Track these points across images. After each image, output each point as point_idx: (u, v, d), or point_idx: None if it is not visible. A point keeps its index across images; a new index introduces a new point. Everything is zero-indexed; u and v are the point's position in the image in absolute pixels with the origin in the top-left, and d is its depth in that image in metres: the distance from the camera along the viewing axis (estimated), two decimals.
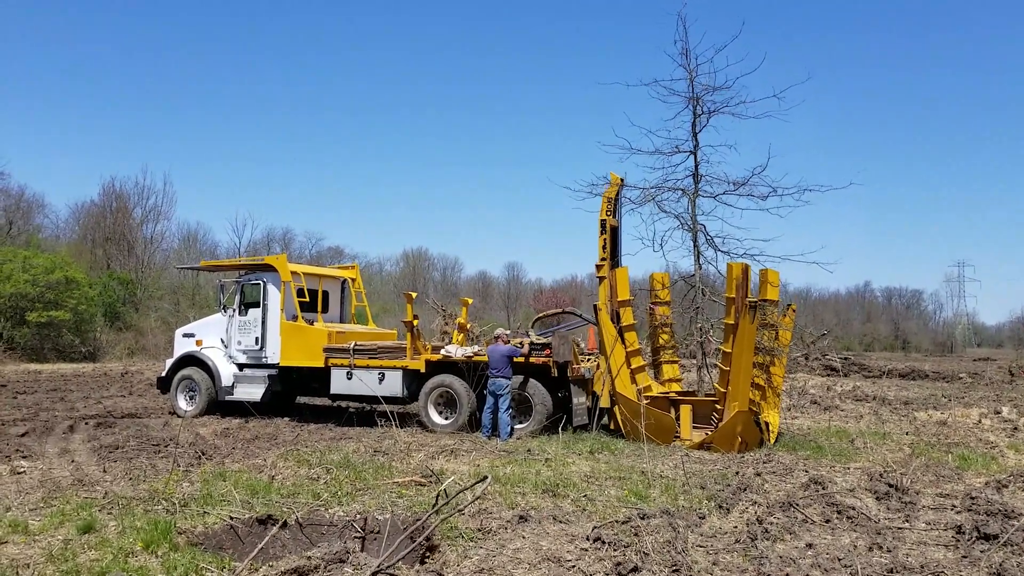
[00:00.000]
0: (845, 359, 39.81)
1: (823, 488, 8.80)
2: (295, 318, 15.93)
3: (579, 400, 13.52)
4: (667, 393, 13.57)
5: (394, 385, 14.76)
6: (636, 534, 6.67)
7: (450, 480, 7.97)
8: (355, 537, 6.46)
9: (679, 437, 12.46)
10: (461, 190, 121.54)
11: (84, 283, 37.44)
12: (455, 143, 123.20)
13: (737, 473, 9.83)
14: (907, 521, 7.74)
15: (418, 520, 6.39)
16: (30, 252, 37.78)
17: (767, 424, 12.51)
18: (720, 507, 7.98)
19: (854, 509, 7.85)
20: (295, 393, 17.63)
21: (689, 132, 14.43)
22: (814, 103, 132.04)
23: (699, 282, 14.15)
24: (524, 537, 6.87)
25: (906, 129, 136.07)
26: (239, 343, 16.50)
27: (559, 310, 19.40)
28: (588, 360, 14.07)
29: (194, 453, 11.23)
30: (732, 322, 12.12)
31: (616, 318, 13.50)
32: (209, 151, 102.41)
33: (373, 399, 14.86)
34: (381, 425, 12.89)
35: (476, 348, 14.53)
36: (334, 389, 15.36)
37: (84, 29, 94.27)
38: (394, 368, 14.83)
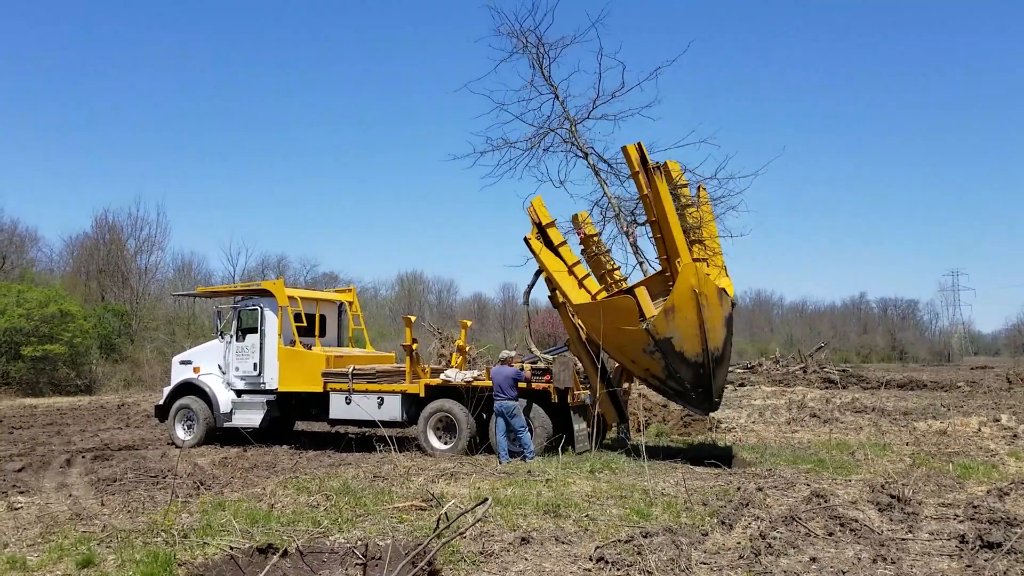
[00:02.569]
0: (843, 371, 39.84)
1: (825, 501, 8.78)
2: (293, 343, 15.90)
3: (580, 427, 13.47)
4: (619, 289, 13.99)
5: (393, 410, 14.71)
6: (639, 553, 6.64)
7: (451, 503, 7.93)
8: (357, 564, 6.42)
9: (644, 318, 12.34)
10: (454, 212, 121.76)
11: (79, 316, 37.30)
12: (446, 165, 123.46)
13: (739, 489, 9.80)
14: (910, 532, 7.72)
15: (419, 545, 6.35)
16: (24, 286, 37.66)
17: (723, 289, 12.54)
18: (723, 523, 7.95)
19: (857, 521, 7.84)
20: (294, 419, 17.55)
21: (541, 77, 15.48)
22: (810, 109, 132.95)
23: (611, 199, 15.09)
24: (526, 559, 6.84)
25: (898, 138, 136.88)
26: (237, 369, 16.44)
27: None
28: (588, 387, 14.00)
29: (192, 483, 11.16)
30: (646, 192, 12.68)
31: (547, 240, 14.08)
32: (202, 180, 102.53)
33: (372, 424, 14.82)
34: (380, 450, 12.84)
35: (476, 373, 14.48)
36: (333, 414, 15.29)
37: (74, 59, 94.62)
38: (393, 392, 14.78)
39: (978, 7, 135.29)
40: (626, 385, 15.02)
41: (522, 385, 13.35)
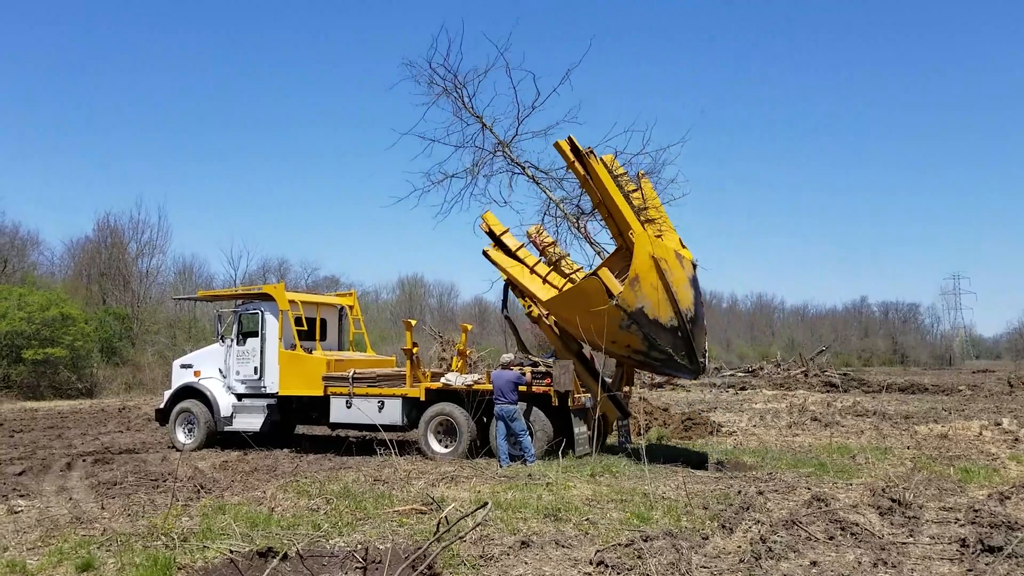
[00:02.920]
0: (844, 375, 39.88)
1: (826, 505, 8.76)
2: (293, 347, 15.90)
3: (580, 430, 13.45)
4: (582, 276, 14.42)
5: (393, 413, 14.70)
6: (639, 557, 6.63)
7: (451, 507, 7.92)
8: (357, 567, 6.41)
9: (612, 296, 12.36)
10: (455, 216, 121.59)
11: (80, 319, 37.32)
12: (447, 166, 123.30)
13: (739, 492, 9.79)
14: (911, 536, 7.71)
15: (419, 548, 6.35)
16: (25, 290, 37.68)
17: (679, 253, 12.95)
18: (723, 527, 7.94)
19: (858, 525, 7.82)
20: (294, 423, 17.55)
21: (466, 110, 16.20)
22: (810, 113, 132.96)
23: (557, 202, 15.74)
24: (527, 563, 6.83)
25: (898, 141, 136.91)
26: (237, 373, 16.45)
27: None
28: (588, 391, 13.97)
29: (193, 487, 11.16)
30: (583, 173, 13.02)
31: (505, 249, 14.65)
32: (203, 183, 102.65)
33: (372, 427, 14.81)
34: (380, 453, 12.85)
35: (477, 376, 14.47)
36: (333, 418, 15.29)
37: (74, 62, 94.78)
38: (393, 396, 14.78)
39: (977, 7, 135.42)
40: (626, 388, 15.01)
41: (522, 389, 13.35)
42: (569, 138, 13.15)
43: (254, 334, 16.35)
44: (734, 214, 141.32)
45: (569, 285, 14.09)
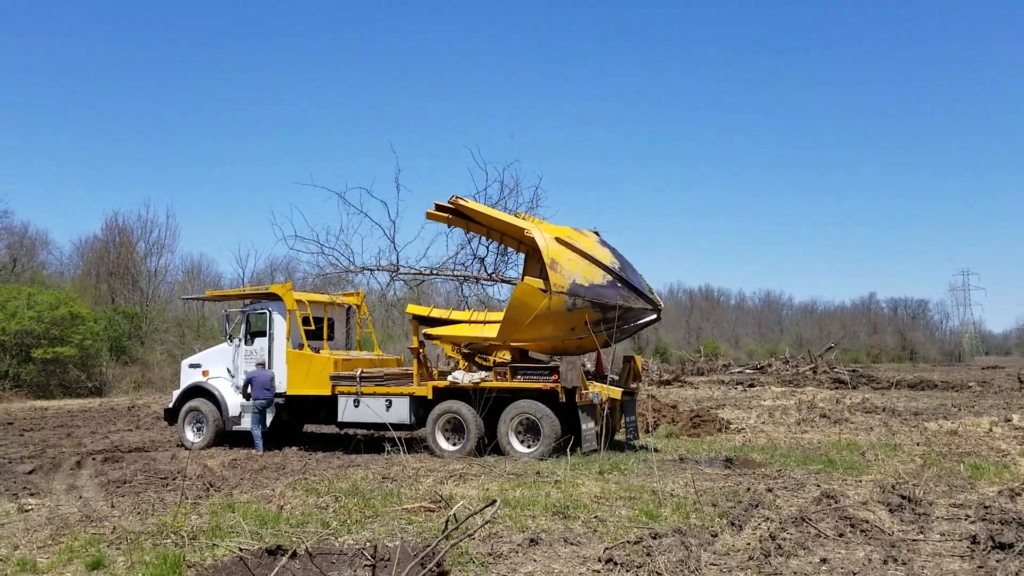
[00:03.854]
0: (853, 371, 39.76)
1: (835, 502, 8.73)
2: (301, 346, 15.92)
3: (588, 426, 13.42)
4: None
5: (401, 412, 14.71)
6: (648, 554, 6.62)
7: (459, 505, 7.93)
8: (365, 565, 6.42)
9: (546, 288, 13.17)
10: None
11: (89, 318, 37.47)
12: (450, 164, 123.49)
13: (748, 489, 9.77)
14: (921, 533, 7.68)
15: (428, 546, 6.36)
16: (34, 289, 37.84)
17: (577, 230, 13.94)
18: (732, 524, 7.92)
19: (867, 522, 7.79)
20: (302, 422, 17.58)
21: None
22: (818, 109, 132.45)
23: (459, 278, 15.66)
24: (535, 560, 6.83)
25: (907, 137, 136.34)
26: (246, 373, 16.49)
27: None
28: (596, 385, 13.94)
29: (202, 485, 11.18)
30: (462, 220, 14.40)
31: (440, 323, 15.47)
32: (210, 183, 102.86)
33: (381, 426, 14.82)
34: (388, 451, 12.88)
35: (483, 374, 14.47)
36: (342, 417, 15.32)
37: (83, 64, 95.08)
38: (401, 395, 14.79)
39: (982, 5, 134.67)
40: (634, 385, 14.98)
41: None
42: (435, 204, 14.40)
43: (262, 334, 16.39)
44: (742, 211, 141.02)
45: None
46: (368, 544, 7.05)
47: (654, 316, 14.09)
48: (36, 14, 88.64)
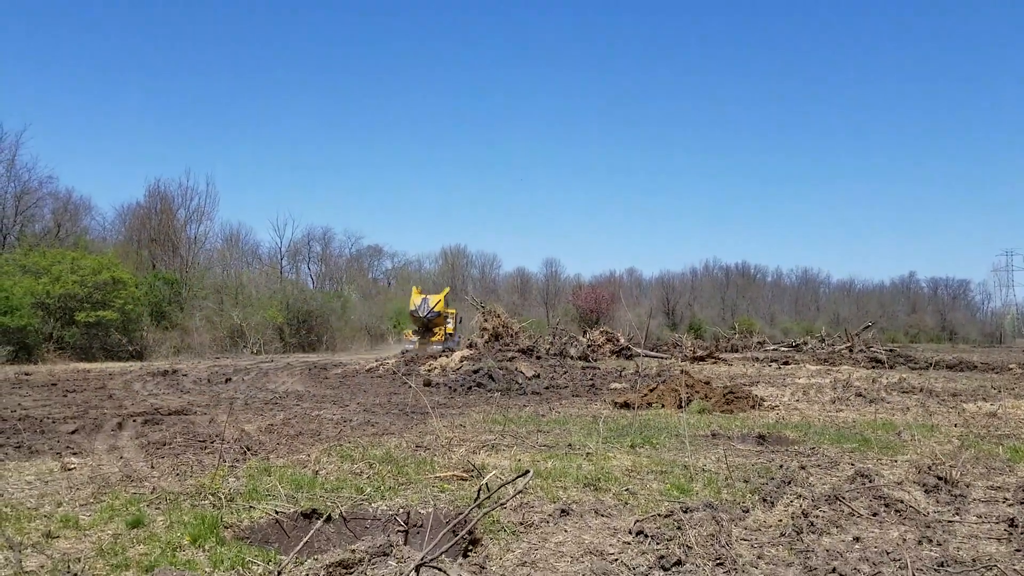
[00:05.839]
0: (890, 351, 39.22)
1: (870, 481, 8.65)
2: None
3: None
4: None
5: None
6: (679, 527, 6.62)
7: (492, 474, 7.98)
8: (398, 531, 6.50)
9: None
10: (499, 187, 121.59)
11: (131, 283, 38.13)
12: (492, 141, 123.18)
13: (781, 466, 9.70)
14: (957, 514, 7.59)
15: (460, 514, 6.41)
16: (78, 253, 38.55)
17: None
18: (764, 500, 7.88)
19: (902, 502, 7.71)
20: None
21: None
22: (863, 86, 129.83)
23: None
24: (566, 531, 6.86)
25: (950, 114, 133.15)
26: None
27: None
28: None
29: (239, 449, 11.35)
30: None
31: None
32: (250, 152, 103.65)
33: None
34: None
35: None
36: None
37: (126, 34, 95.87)
38: None
39: None
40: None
41: None
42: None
43: None
44: (780, 188, 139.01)
45: None
46: (401, 510, 7.13)
47: None
48: None
